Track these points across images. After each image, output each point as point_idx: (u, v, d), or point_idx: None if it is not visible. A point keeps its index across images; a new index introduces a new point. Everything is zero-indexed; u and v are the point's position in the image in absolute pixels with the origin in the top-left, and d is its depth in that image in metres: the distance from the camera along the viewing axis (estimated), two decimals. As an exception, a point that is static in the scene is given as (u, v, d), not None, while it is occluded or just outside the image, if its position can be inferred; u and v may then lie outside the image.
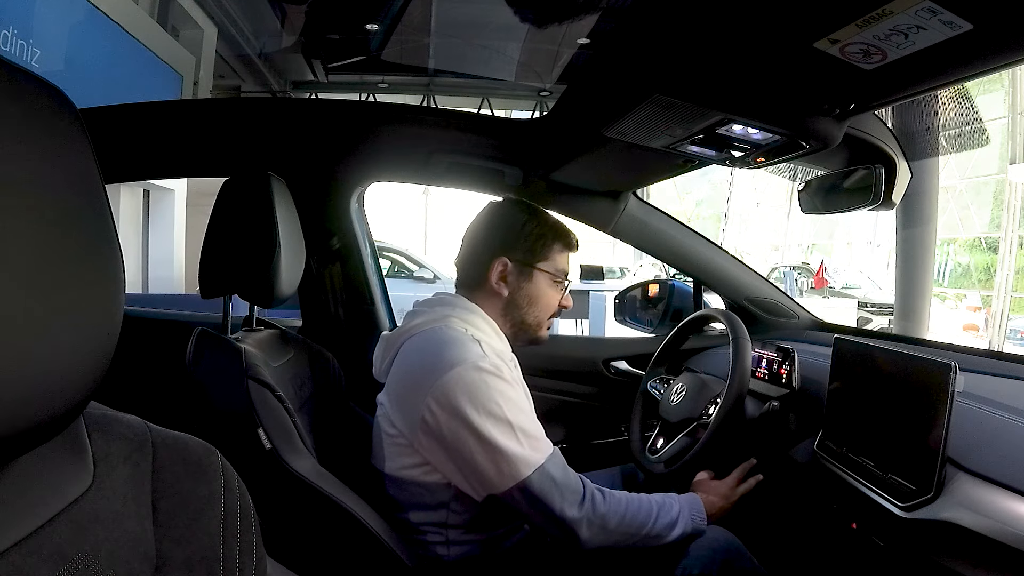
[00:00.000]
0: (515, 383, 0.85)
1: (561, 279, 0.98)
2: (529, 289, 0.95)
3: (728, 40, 0.68)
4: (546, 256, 0.96)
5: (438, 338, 0.86)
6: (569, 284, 1.01)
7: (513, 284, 0.95)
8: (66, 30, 4.15)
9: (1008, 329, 7.60)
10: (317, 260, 1.34)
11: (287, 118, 1.29)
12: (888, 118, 3.93)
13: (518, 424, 0.80)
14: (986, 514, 0.62)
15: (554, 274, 0.96)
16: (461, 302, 0.93)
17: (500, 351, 0.90)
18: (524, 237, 0.95)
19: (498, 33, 7.53)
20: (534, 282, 0.95)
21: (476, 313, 0.92)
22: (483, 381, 0.80)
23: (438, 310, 0.91)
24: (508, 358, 0.92)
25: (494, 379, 0.81)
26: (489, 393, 0.80)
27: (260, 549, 0.37)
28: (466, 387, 0.79)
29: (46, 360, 0.27)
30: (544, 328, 0.99)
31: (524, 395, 0.88)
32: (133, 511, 0.32)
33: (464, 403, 0.79)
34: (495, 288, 0.94)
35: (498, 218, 0.98)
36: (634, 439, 1.22)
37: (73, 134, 0.28)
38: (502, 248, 0.94)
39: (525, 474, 0.79)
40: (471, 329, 0.89)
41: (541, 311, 0.97)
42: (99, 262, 0.29)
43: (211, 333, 0.88)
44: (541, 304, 0.96)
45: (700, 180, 13.38)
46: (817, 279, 9.05)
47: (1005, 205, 7.69)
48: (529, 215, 0.97)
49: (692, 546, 0.88)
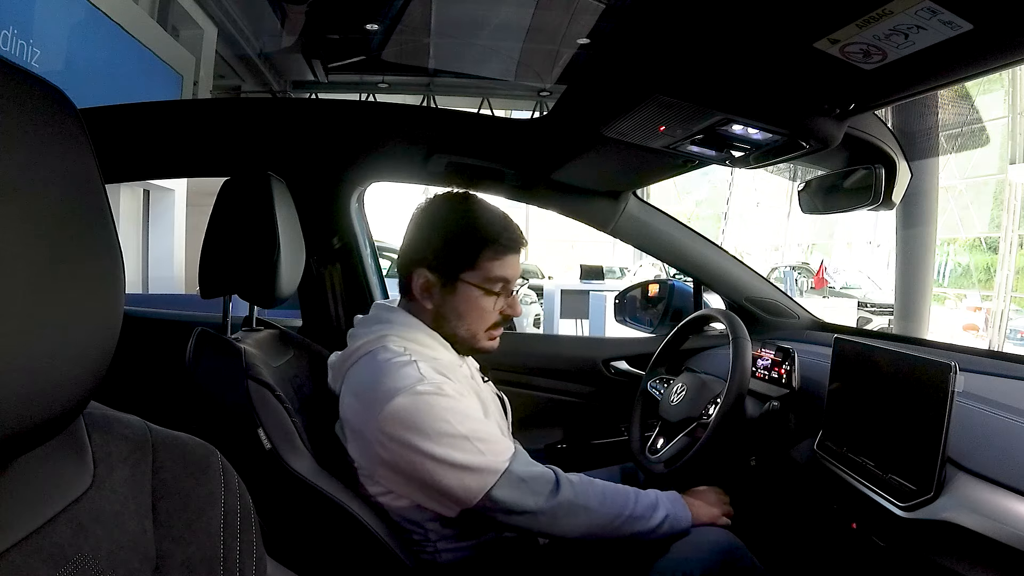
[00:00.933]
0: (460, 395, 0.81)
1: (495, 290, 0.87)
2: (454, 302, 0.87)
3: (728, 40, 0.68)
4: (472, 264, 0.86)
5: (375, 366, 0.82)
6: (518, 288, 0.91)
7: (437, 297, 0.87)
8: (66, 30, 4.15)
9: (1008, 329, 7.60)
10: (317, 260, 1.34)
11: (287, 118, 1.29)
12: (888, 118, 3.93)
13: (473, 435, 0.77)
14: (986, 514, 0.62)
15: (482, 284, 0.86)
16: (398, 316, 0.88)
17: (447, 363, 0.86)
18: (445, 244, 0.86)
19: (498, 33, 7.53)
20: (459, 294, 0.86)
21: (413, 327, 0.87)
22: (425, 404, 0.77)
23: (375, 329, 0.86)
24: (454, 369, 0.87)
25: (435, 399, 0.77)
26: (434, 414, 0.76)
27: (260, 549, 0.37)
28: (409, 416, 0.76)
29: (46, 360, 0.27)
30: (482, 340, 0.90)
31: (474, 401, 0.84)
32: (133, 511, 0.32)
33: (412, 434, 0.76)
34: (420, 301, 0.87)
35: (421, 222, 0.89)
36: (634, 439, 1.22)
37: (73, 134, 0.28)
38: (421, 258, 0.86)
39: (491, 482, 0.77)
40: (411, 345, 0.84)
41: (473, 323, 0.88)
42: (99, 262, 0.29)
43: (211, 333, 0.88)
44: (471, 317, 0.87)
45: (700, 180, 13.39)
46: (817, 279, 9.05)
47: (1005, 205, 7.70)
48: (453, 217, 0.88)
49: (692, 546, 0.88)
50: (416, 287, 0.87)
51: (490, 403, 0.93)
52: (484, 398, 0.91)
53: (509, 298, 0.90)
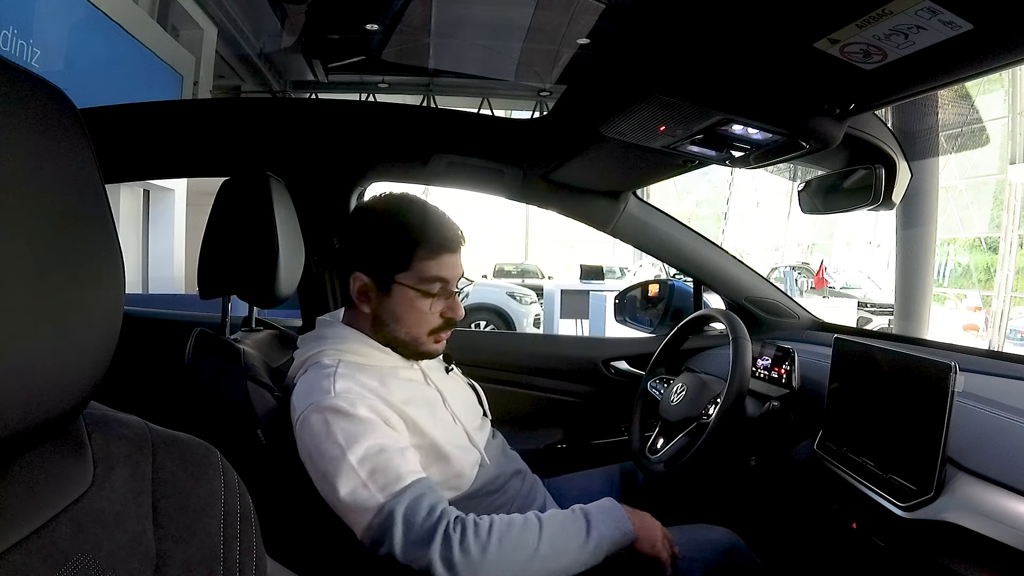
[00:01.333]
0: (366, 419, 0.75)
1: (431, 292, 0.83)
2: (390, 305, 0.83)
3: (728, 40, 0.68)
4: (406, 265, 0.82)
5: (303, 383, 0.80)
6: (459, 290, 0.88)
7: (374, 301, 0.84)
8: (66, 30, 4.15)
9: (1008, 329, 7.60)
10: (317, 260, 1.34)
11: (287, 118, 1.29)
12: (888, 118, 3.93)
13: (362, 461, 0.71)
14: (986, 514, 0.62)
15: (416, 286, 0.82)
16: (333, 331, 0.86)
17: (387, 369, 0.83)
18: (377, 246, 0.82)
19: (498, 33, 7.53)
20: (394, 297, 0.83)
21: (348, 338, 0.84)
22: (322, 423, 0.74)
23: (311, 346, 0.84)
24: (394, 375, 0.84)
25: (334, 417, 0.74)
26: (326, 434, 0.73)
27: (260, 549, 0.37)
28: (309, 432, 0.74)
29: (46, 360, 0.27)
30: (426, 344, 0.86)
31: (388, 423, 0.77)
32: (133, 511, 0.32)
33: (308, 451, 0.74)
34: (359, 306, 0.84)
35: (356, 223, 0.86)
36: (634, 439, 1.22)
37: (73, 134, 0.28)
38: (355, 260, 0.83)
39: (365, 520, 0.71)
40: (345, 356, 0.82)
41: (412, 327, 0.84)
42: (99, 262, 0.29)
43: (210, 334, 0.88)
44: (409, 320, 0.84)
45: (700, 180, 13.40)
46: (817, 279, 9.05)
47: (1005, 205, 7.70)
48: (384, 217, 0.84)
49: (694, 545, 0.88)
50: (353, 291, 0.84)
51: (447, 396, 0.89)
52: (443, 391, 0.88)
53: (449, 299, 0.86)
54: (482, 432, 0.95)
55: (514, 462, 0.98)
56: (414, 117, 1.29)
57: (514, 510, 0.89)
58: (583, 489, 1.11)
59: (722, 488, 1.17)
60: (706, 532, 0.92)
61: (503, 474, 0.93)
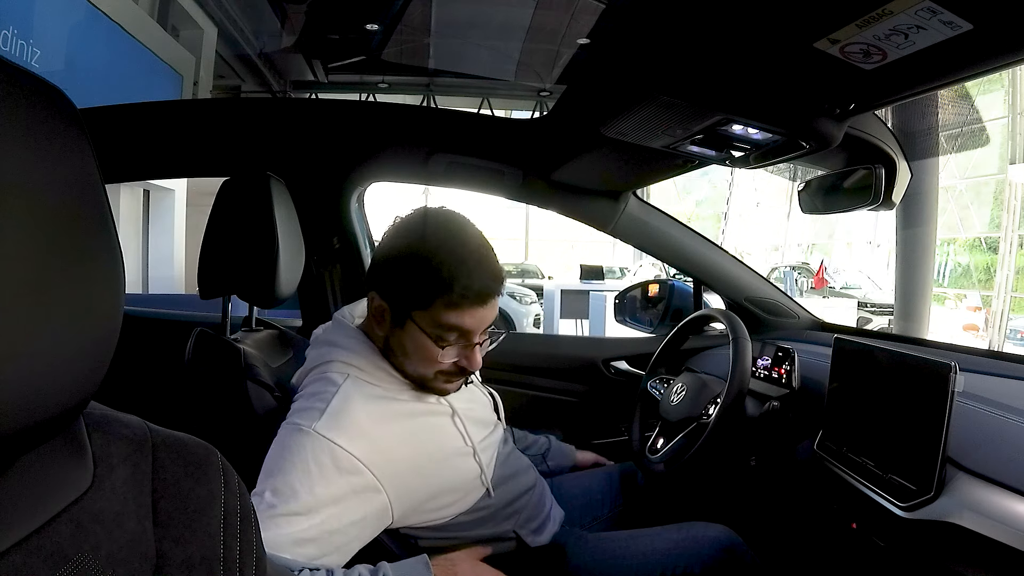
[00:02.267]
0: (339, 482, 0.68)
1: (447, 338, 0.75)
2: (401, 337, 0.76)
3: (728, 40, 0.68)
4: (425, 304, 0.73)
5: (308, 391, 0.76)
6: (482, 341, 0.78)
7: (387, 326, 0.77)
8: (66, 30, 4.15)
9: (1008, 329, 7.60)
10: (317, 260, 1.34)
11: (287, 118, 1.29)
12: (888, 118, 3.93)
13: (292, 509, 0.66)
14: (986, 514, 0.62)
15: (431, 331, 0.74)
16: (348, 339, 0.80)
17: (392, 392, 0.78)
18: (400, 275, 0.75)
19: (498, 33, 7.53)
20: (407, 333, 0.75)
21: (361, 352, 0.78)
22: (294, 445, 0.69)
23: (324, 350, 0.80)
24: (397, 399, 0.78)
25: (304, 450, 0.68)
26: (287, 457, 0.68)
27: (260, 549, 0.37)
28: (281, 444, 0.70)
29: (46, 360, 0.27)
30: (432, 383, 0.79)
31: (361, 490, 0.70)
32: (133, 511, 0.32)
33: (272, 456, 0.70)
34: (373, 321, 0.79)
35: (392, 237, 0.78)
36: (634, 439, 1.22)
37: (73, 134, 0.28)
38: (379, 280, 0.77)
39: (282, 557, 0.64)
40: (353, 371, 0.77)
41: (419, 367, 0.77)
42: (99, 262, 0.29)
43: (210, 334, 0.88)
44: (416, 359, 0.77)
45: (700, 180, 13.39)
46: (817, 279, 9.05)
47: (1005, 205, 7.70)
48: (417, 244, 0.74)
49: (693, 543, 0.89)
50: (370, 307, 0.79)
51: (468, 405, 0.87)
52: (458, 405, 0.84)
53: (468, 350, 0.77)
54: (491, 441, 0.90)
55: (522, 478, 0.94)
56: (414, 117, 1.29)
57: (519, 524, 0.89)
58: (584, 489, 1.11)
59: (722, 488, 1.17)
60: (704, 529, 0.93)
61: (512, 497, 0.90)
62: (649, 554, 0.89)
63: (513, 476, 0.92)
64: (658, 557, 0.88)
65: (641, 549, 0.90)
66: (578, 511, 1.05)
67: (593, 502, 1.09)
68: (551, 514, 0.97)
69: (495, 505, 0.87)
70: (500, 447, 0.92)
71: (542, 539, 0.92)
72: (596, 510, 1.08)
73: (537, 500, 0.95)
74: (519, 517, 0.90)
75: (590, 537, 0.96)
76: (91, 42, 4.41)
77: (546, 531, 0.94)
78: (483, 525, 0.86)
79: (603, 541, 0.95)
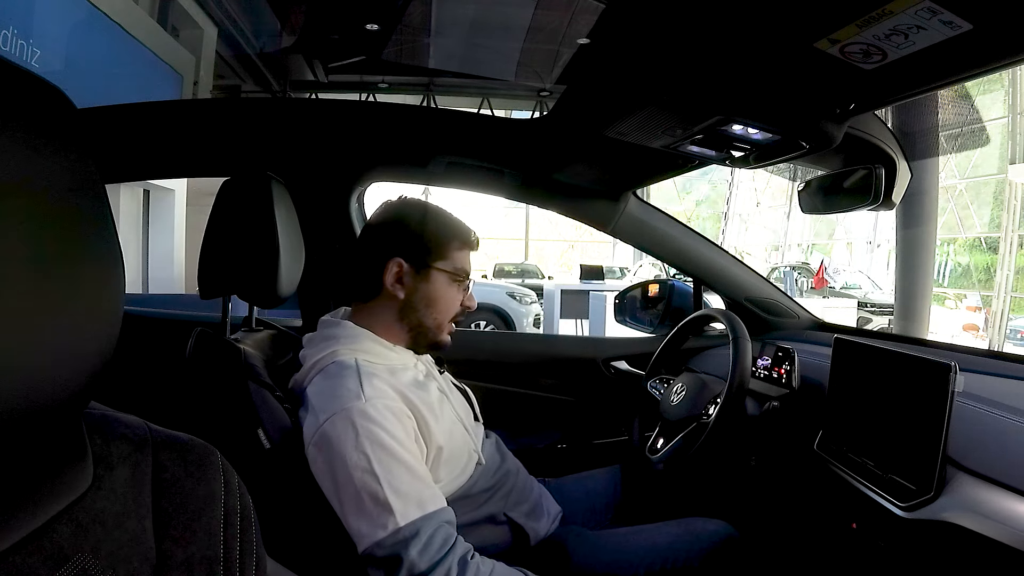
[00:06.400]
0: (397, 435, 0.75)
1: (461, 278, 0.92)
2: (427, 290, 0.89)
3: (728, 40, 0.68)
4: (444, 254, 0.90)
5: (325, 384, 0.80)
6: (471, 283, 0.95)
7: (410, 285, 0.88)
8: (66, 30, 4.15)
9: (1008, 329, 7.61)
10: (317, 260, 1.34)
11: (287, 118, 1.29)
12: (888, 118, 3.93)
13: (389, 479, 0.72)
14: (986, 514, 0.62)
15: (453, 273, 0.90)
16: (344, 330, 0.87)
17: (397, 367, 0.85)
18: (420, 235, 0.90)
19: (498, 33, 7.53)
20: (432, 282, 0.89)
21: (360, 337, 0.86)
22: (351, 429, 0.73)
23: (322, 346, 0.85)
24: (403, 373, 0.86)
25: (368, 425, 0.74)
26: (358, 444, 0.73)
27: (260, 549, 0.37)
28: (335, 437, 0.74)
29: (46, 360, 0.27)
30: (444, 331, 0.92)
31: (413, 433, 0.79)
32: (133, 511, 0.32)
33: (329, 456, 0.73)
34: (391, 291, 0.88)
35: (392, 217, 0.92)
36: (634, 439, 1.22)
37: (73, 134, 0.28)
38: (397, 247, 0.88)
39: (375, 536, 0.70)
40: (360, 355, 0.83)
41: (441, 313, 0.91)
42: (99, 262, 0.29)
43: (210, 334, 0.88)
44: (440, 306, 0.90)
45: (700, 180, 13.40)
46: (817, 279, 9.04)
47: (1005, 205, 7.70)
48: (424, 212, 0.92)
49: (692, 536, 0.90)
50: (389, 276, 0.88)
51: (448, 395, 0.91)
52: (444, 390, 0.91)
53: (467, 292, 0.95)
54: (477, 430, 0.96)
55: (508, 460, 0.99)
56: (414, 118, 1.29)
57: (509, 506, 0.92)
58: (584, 489, 1.11)
59: (722, 488, 1.18)
60: (702, 524, 0.94)
61: (498, 471, 0.94)
62: (649, 548, 0.90)
63: (492, 458, 0.95)
64: (658, 551, 0.89)
65: (641, 543, 0.91)
66: (580, 514, 1.05)
67: (595, 504, 1.09)
68: (542, 503, 0.98)
69: (484, 479, 0.90)
70: (483, 438, 0.97)
71: (539, 529, 0.93)
72: (598, 514, 1.08)
73: (523, 484, 0.97)
74: (508, 499, 0.92)
75: (591, 533, 0.96)
76: (91, 42, 4.40)
77: (541, 521, 0.95)
78: (476, 506, 0.88)
79: (603, 537, 0.95)
